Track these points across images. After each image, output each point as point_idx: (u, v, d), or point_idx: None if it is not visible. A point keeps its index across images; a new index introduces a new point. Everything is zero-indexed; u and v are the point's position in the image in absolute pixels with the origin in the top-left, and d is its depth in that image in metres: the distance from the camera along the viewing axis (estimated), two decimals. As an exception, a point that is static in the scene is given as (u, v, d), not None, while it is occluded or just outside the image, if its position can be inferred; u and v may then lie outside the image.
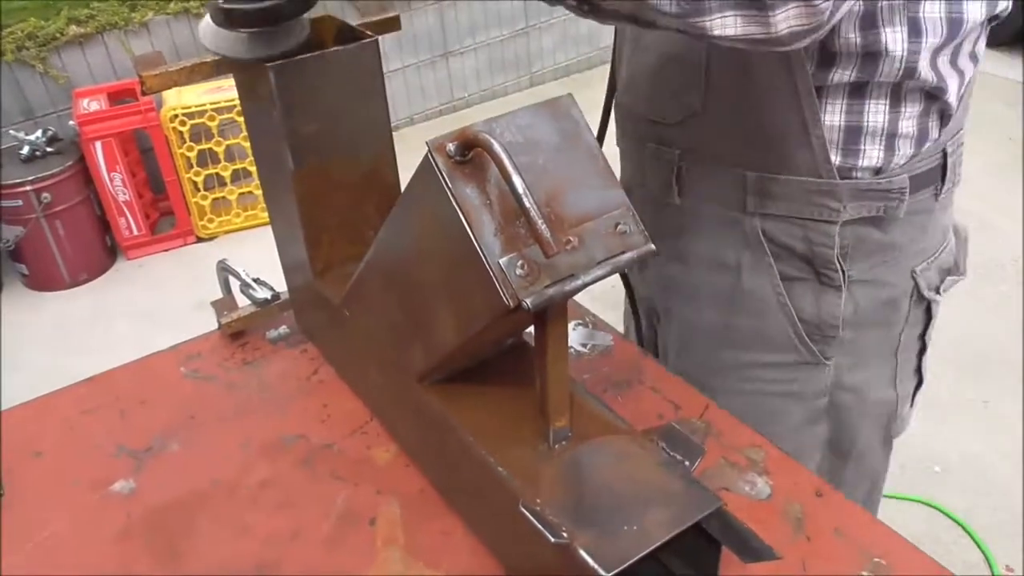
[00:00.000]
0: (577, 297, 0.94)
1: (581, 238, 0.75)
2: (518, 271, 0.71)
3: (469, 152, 0.72)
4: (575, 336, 1.25)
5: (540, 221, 0.67)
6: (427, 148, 0.73)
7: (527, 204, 0.67)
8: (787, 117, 1.01)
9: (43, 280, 3.85)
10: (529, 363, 0.91)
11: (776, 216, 1.09)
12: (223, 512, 1.01)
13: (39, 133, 3.75)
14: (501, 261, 0.71)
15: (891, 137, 1.02)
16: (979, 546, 2.37)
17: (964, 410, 2.80)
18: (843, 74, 0.98)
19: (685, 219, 1.17)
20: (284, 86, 0.97)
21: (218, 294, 1.35)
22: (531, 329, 0.81)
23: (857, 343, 1.16)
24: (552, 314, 0.77)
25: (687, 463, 0.81)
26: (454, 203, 0.72)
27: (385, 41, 1.08)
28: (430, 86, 5.00)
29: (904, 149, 1.03)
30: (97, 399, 1.19)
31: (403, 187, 0.82)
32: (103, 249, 3.98)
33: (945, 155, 1.08)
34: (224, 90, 3.78)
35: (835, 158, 1.03)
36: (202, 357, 1.27)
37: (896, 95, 1.01)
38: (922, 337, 1.23)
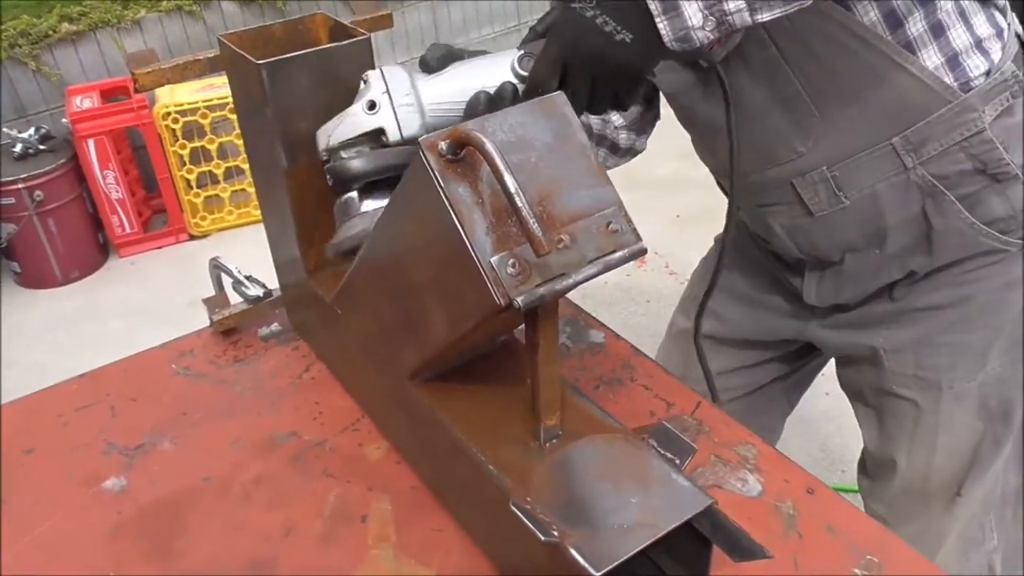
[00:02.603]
0: (569, 294, 0.94)
1: (573, 237, 0.75)
2: (509, 270, 0.71)
3: (461, 151, 0.72)
4: (567, 333, 1.25)
5: (531, 220, 0.67)
6: (419, 147, 0.73)
7: (519, 203, 0.68)
8: (896, 82, 1.09)
9: (35, 278, 3.84)
10: (520, 361, 0.92)
11: (935, 156, 1.15)
12: (215, 509, 1.01)
13: (32, 131, 3.74)
14: (492, 260, 0.71)
15: (978, 43, 1.13)
16: (970, 544, 2.37)
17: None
18: (915, 24, 1.09)
19: (858, 211, 1.21)
20: (277, 84, 0.97)
21: (210, 291, 1.35)
22: (523, 327, 0.81)
23: None
24: (543, 313, 0.77)
25: (678, 461, 0.81)
26: (446, 202, 0.72)
27: (377, 38, 1.08)
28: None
29: (993, 45, 1.14)
30: (89, 396, 1.19)
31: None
32: (96, 247, 3.97)
33: (1018, 35, 1.20)
34: (217, 88, 3.77)
35: (952, 82, 1.12)
36: (194, 354, 1.27)
37: (962, 14, 1.12)
38: None
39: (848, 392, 1.46)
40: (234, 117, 3.58)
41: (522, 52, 0.95)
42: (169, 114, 3.78)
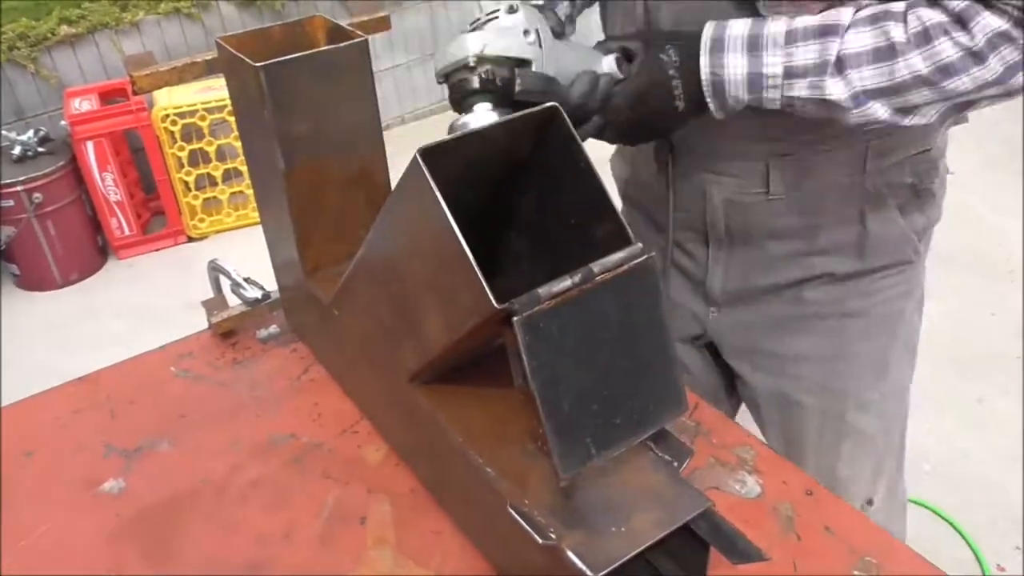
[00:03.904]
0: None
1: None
2: (507, 272, 0.71)
3: (458, 153, 0.73)
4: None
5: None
6: (416, 154, 0.73)
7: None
8: None
9: (35, 280, 3.83)
10: (519, 363, 0.91)
11: (891, 165, 1.17)
12: (213, 512, 1.01)
13: (30, 133, 3.73)
14: (490, 262, 0.71)
15: None
16: (969, 544, 2.37)
17: (957, 407, 2.79)
18: None
19: (806, 201, 1.20)
20: (275, 86, 0.97)
21: (209, 294, 1.35)
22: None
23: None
24: (541, 314, 0.77)
25: (676, 464, 0.81)
26: (442, 205, 0.72)
27: (375, 41, 1.08)
28: (420, 85, 4.99)
29: None
30: (88, 399, 1.19)
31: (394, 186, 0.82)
32: (94, 249, 3.96)
33: None
34: (215, 90, 3.77)
35: None
36: (193, 356, 1.27)
37: None
38: None
39: (745, 400, 1.44)
40: (232, 119, 3.58)
41: (614, 56, 1.06)
42: (167, 116, 3.77)
